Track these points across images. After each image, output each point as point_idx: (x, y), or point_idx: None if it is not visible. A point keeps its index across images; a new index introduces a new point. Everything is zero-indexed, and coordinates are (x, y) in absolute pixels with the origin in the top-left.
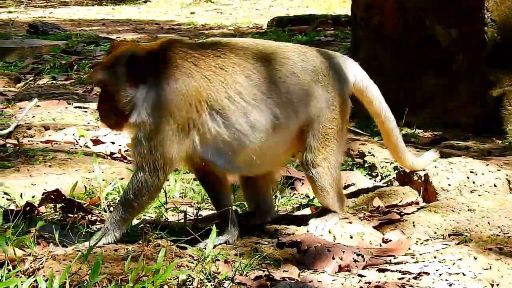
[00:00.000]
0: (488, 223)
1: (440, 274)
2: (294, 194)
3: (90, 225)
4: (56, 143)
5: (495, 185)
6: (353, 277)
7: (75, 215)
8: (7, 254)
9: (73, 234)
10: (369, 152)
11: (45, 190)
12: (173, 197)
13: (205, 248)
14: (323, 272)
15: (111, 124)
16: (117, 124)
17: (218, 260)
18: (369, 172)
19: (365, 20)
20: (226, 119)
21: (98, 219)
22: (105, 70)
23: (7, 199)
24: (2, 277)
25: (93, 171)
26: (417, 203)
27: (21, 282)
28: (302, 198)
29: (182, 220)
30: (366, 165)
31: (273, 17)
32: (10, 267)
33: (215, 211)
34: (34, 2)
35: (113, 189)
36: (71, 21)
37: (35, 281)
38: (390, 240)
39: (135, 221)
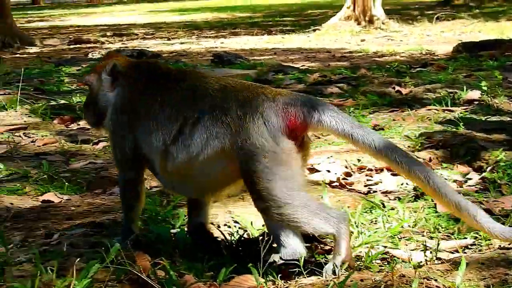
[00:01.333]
0: None
1: None
2: None
3: (326, 254)
4: None
5: None
6: None
7: (310, 244)
8: (259, 283)
9: (311, 263)
10: None
11: None
12: (402, 226)
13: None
14: None
15: (90, 122)
16: (96, 123)
17: None
18: None
19: None
20: (148, 135)
21: (331, 247)
22: (94, 73)
23: (239, 228)
24: None
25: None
26: None
27: None
28: None
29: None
30: None
31: (458, 42)
32: None
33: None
34: (205, 33)
35: None
36: (243, 50)
37: None
38: None
39: (364, 249)
